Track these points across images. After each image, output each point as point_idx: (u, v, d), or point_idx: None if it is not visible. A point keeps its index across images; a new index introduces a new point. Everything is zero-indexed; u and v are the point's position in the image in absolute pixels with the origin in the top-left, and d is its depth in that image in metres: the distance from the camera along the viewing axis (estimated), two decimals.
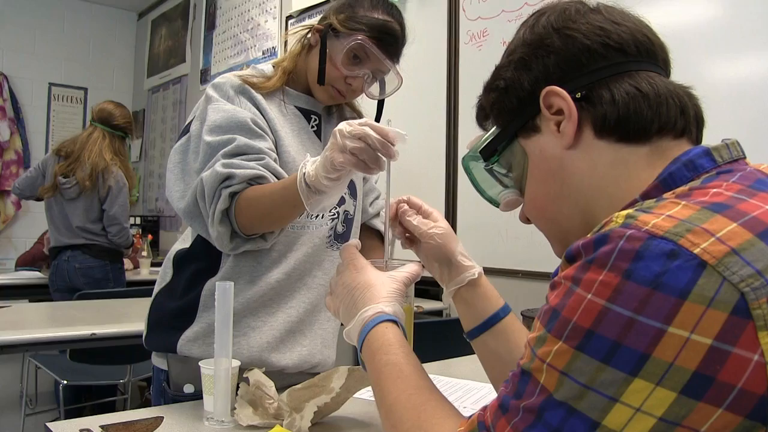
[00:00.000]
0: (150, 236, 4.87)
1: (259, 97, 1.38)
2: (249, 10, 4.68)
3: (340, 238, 1.46)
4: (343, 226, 1.47)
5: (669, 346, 0.52)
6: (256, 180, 1.24)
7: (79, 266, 3.48)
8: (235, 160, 1.24)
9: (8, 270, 4.49)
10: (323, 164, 1.07)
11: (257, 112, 1.36)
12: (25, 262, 4.16)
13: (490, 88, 0.82)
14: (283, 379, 1.33)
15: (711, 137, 0.74)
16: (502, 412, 0.61)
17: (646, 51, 0.75)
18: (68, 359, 2.84)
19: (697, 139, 0.75)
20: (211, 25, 5.20)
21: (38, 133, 5.97)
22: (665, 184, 0.66)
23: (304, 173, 1.11)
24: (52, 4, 6.02)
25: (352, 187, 1.49)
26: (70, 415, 3.11)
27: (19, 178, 3.89)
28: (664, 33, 0.79)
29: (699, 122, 0.75)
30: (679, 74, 0.79)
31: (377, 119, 1.50)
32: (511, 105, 0.79)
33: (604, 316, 0.54)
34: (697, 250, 0.53)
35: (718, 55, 2.13)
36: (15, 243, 5.63)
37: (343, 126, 1.04)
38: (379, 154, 1.03)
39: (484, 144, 0.83)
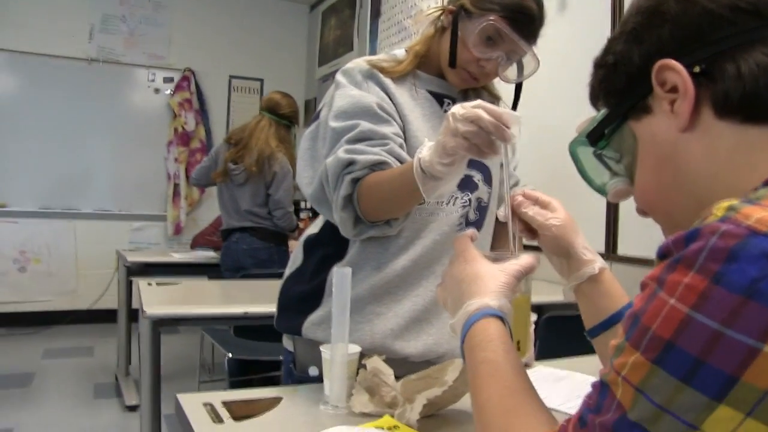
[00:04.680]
0: None
1: (387, 81, 1.37)
2: None
3: (472, 225, 1.42)
4: (476, 213, 1.43)
5: (763, 370, 0.43)
6: (378, 166, 1.23)
7: (246, 247, 3.69)
8: (358, 146, 1.24)
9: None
10: (436, 149, 1.05)
11: (385, 96, 1.35)
12: (199, 243, 4.48)
13: (599, 63, 0.74)
14: (408, 368, 1.31)
15: None
16: (580, 426, 0.55)
17: None
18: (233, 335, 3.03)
19: None
20: (376, 13, 5.29)
21: (219, 122, 6.42)
22: None
23: (420, 158, 1.09)
24: (234, 0, 6.41)
25: (486, 174, 1.44)
26: (235, 386, 3.32)
27: (195, 169, 4.20)
28: None
29: None
30: None
31: (515, 104, 1.44)
32: (620, 83, 0.70)
33: (686, 326, 0.47)
34: None
35: None
36: (200, 224, 6.09)
37: (456, 109, 1.00)
38: (493, 137, 0.98)
39: (592, 127, 0.76)
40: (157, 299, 2.38)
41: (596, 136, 0.75)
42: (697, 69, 0.63)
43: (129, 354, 4.06)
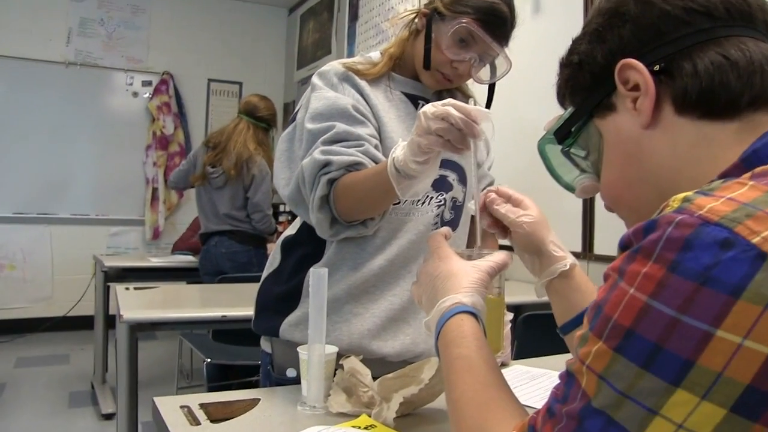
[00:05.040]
0: None
1: (362, 83, 1.38)
2: None
3: (447, 225, 1.43)
4: (451, 212, 1.44)
5: (717, 353, 0.44)
6: (353, 166, 1.24)
7: (225, 251, 3.67)
8: (333, 147, 1.25)
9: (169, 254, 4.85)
10: (410, 148, 1.07)
11: (360, 98, 1.36)
12: (179, 247, 4.46)
13: (564, 63, 0.76)
14: (386, 367, 1.32)
15: None
16: (549, 416, 0.57)
17: (739, 13, 0.65)
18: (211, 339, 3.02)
19: None
20: (354, 16, 5.30)
21: (198, 126, 6.39)
22: (748, 162, 0.57)
23: (394, 158, 1.10)
24: (212, 4, 6.41)
25: (460, 173, 1.46)
26: (214, 391, 3.30)
27: (173, 172, 4.18)
28: None
29: None
30: None
31: (488, 104, 1.45)
32: (584, 81, 0.72)
33: (645, 315, 0.48)
34: (755, 239, 0.45)
35: None
36: (178, 228, 6.06)
37: (428, 108, 1.03)
38: (464, 133, 1.00)
39: (559, 126, 0.77)
40: (134, 304, 2.37)
41: (563, 134, 0.77)
42: (657, 67, 0.66)
43: (106, 361, 4.00)
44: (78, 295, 5.55)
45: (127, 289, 2.65)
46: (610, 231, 2.70)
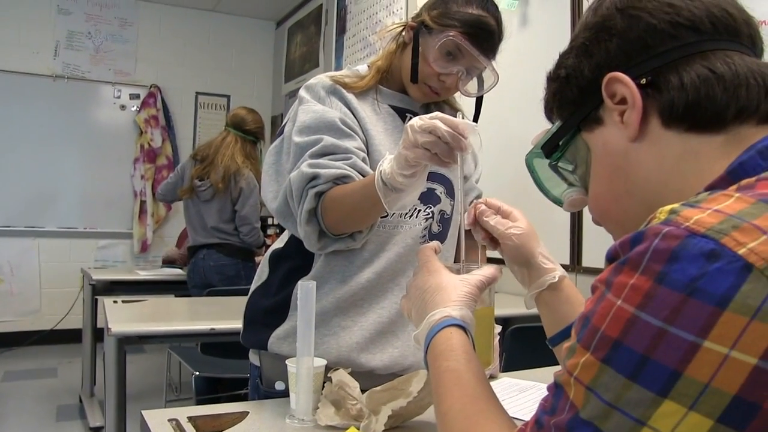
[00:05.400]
0: None
1: (350, 96, 1.38)
2: (377, 13, 4.74)
3: (435, 237, 1.43)
4: (438, 225, 1.44)
5: (704, 364, 0.45)
6: (341, 179, 1.24)
7: (213, 264, 3.66)
8: (321, 160, 1.25)
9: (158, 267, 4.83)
10: (397, 161, 1.07)
11: (348, 111, 1.36)
12: (169, 260, 4.46)
13: (552, 77, 0.76)
14: (374, 380, 1.31)
15: None
16: (537, 428, 0.57)
17: (725, 27, 0.66)
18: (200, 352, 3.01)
19: None
20: (341, 29, 5.32)
21: (186, 139, 6.39)
22: (734, 175, 0.58)
23: (381, 171, 1.11)
24: (200, 17, 6.42)
25: (448, 186, 1.46)
26: (202, 404, 3.28)
27: (161, 185, 4.18)
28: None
29: None
30: None
31: (475, 117, 1.46)
32: (572, 95, 0.73)
33: (632, 326, 0.48)
34: (742, 251, 0.45)
35: None
36: (167, 241, 6.06)
37: (415, 121, 1.03)
38: (451, 146, 1.01)
39: (546, 139, 0.78)
40: (122, 317, 2.36)
41: (551, 148, 0.77)
42: (643, 81, 0.66)
43: (94, 374, 3.97)
44: (66, 309, 5.52)
45: (115, 302, 2.64)
46: (598, 243, 2.72)
